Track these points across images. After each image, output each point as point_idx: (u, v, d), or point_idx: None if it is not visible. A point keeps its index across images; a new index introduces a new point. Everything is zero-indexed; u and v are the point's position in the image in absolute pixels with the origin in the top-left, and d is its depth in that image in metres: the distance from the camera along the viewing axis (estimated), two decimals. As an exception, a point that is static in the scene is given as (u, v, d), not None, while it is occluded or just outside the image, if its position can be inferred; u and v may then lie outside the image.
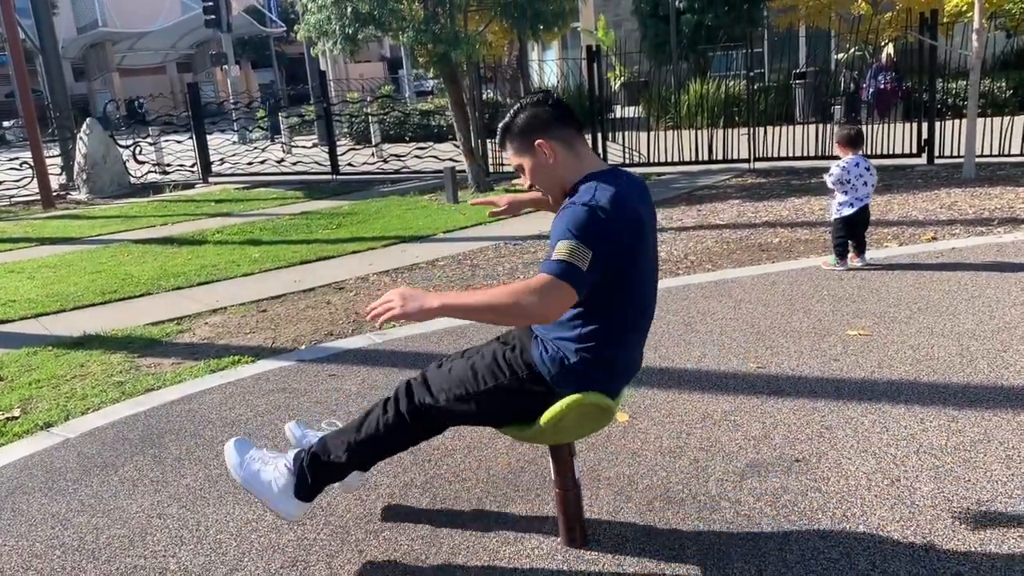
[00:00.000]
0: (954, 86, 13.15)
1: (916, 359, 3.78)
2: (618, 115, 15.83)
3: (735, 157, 10.80)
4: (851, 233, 5.37)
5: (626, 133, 11.56)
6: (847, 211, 5.32)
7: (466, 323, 4.92)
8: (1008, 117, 9.91)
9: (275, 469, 2.49)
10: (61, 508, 3.02)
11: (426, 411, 2.37)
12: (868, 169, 5.30)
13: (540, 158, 2.25)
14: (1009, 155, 9.35)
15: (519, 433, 2.39)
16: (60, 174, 14.77)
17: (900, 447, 2.97)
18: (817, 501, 2.66)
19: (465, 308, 2.06)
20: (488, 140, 11.65)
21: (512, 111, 2.29)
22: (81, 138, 13.67)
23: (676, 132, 11.82)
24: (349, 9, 9.25)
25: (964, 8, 12.85)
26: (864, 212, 5.32)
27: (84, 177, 13.60)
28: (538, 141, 2.24)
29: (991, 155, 9.34)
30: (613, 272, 2.12)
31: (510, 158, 2.33)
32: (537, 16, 9.67)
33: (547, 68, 18.31)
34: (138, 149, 15.08)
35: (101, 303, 6.20)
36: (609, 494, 2.81)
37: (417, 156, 13.06)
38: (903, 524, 2.48)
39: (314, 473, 2.45)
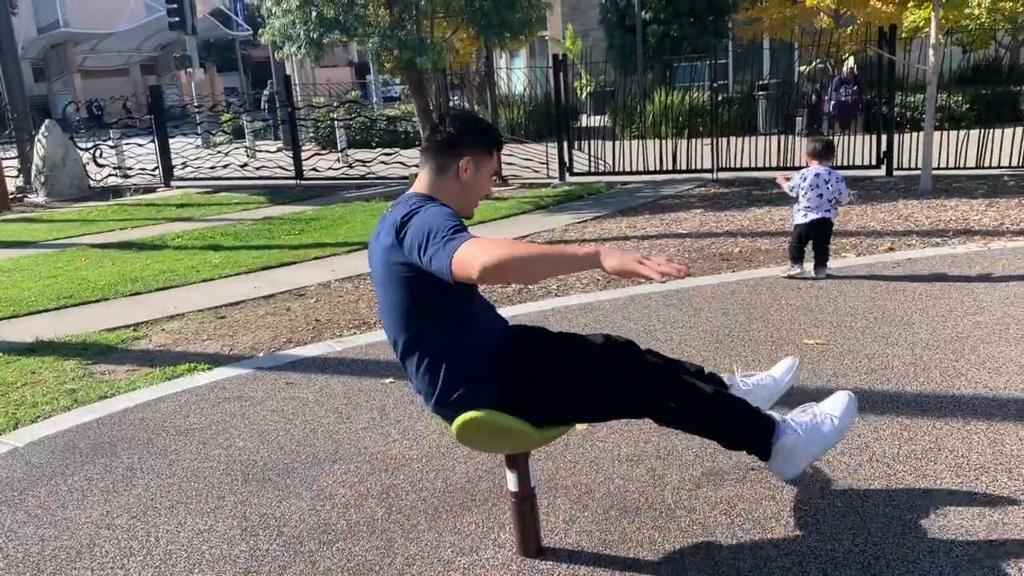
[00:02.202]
0: (913, 99, 13.40)
1: (871, 368, 3.83)
2: (584, 124, 15.91)
3: (699, 167, 10.90)
4: (804, 242, 5.45)
5: (592, 142, 11.61)
6: (799, 219, 5.42)
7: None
8: (964, 131, 10.11)
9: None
10: (6, 519, 2.94)
11: None
12: (828, 182, 5.36)
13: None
14: (965, 168, 9.54)
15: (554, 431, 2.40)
16: (17, 176, 14.49)
17: (853, 456, 3.01)
18: (771, 509, 2.68)
19: None
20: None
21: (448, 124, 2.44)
22: (39, 140, 13.42)
23: (641, 142, 11.90)
24: (314, 14, 9.21)
25: (922, 24, 13.11)
26: (819, 224, 5.38)
27: (42, 180, 13.34)
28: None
29: (948, 167, 9.53)
30: None
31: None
32: (504, 24, 9.71)
33: (514, 76, 18.35)
34: (98, 152, 14.84)
35: (56, 308, 6.08)
36: (566, 503, 2.80)
37: (383, 162, 13.01)
38: (854, 533, 2.51)
39: None
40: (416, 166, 11.84)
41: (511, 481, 2.45)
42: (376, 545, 2.62)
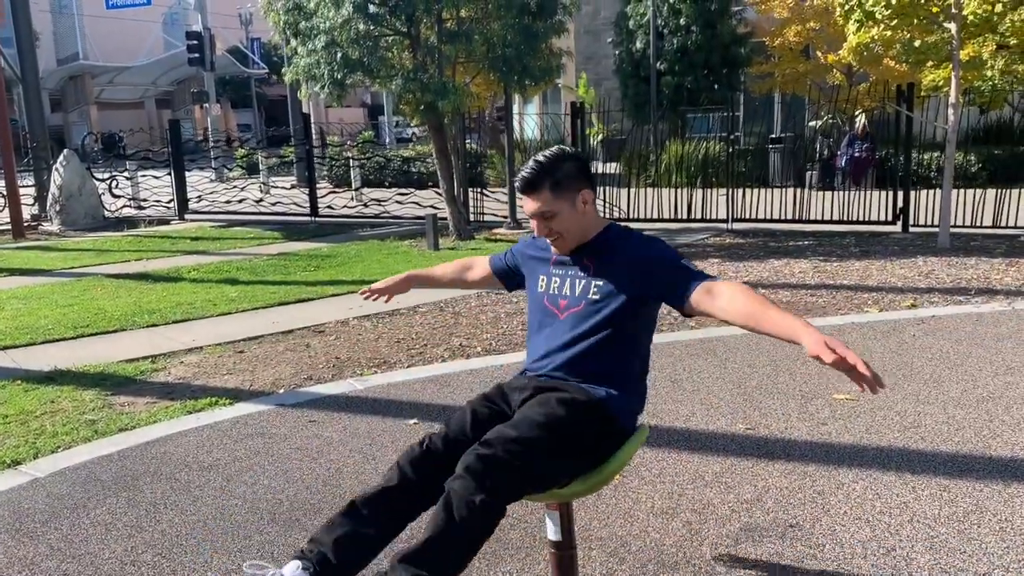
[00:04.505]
0: (927, 157, 13.48)
1: (904, 426, 3.78)
2: (597, 171, 16.01)
3: (713, 216, 10.92)
4: None
5: (606, 188, 11.66)
6: None
7: (451, 370, 4.87)
8: (979, 190, 10.14)
9: None
10: (29, 552, 2.88)
11: None
12: None
13: (578, 207, 2.33)
14: (981, 227, 9.55)
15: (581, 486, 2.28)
16: (33, 204, 14.56)
17: (894, 515, 2.95)
18: (814, 569, 2.61)
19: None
20: (470, 189, 11.70)
21: (553, 159, 2.32)
22: (57, 169, 13.51)
23: (656, 190, 11.95)
24: (339, 55, 9.30)
25: (941, 83, 13.23)
26: None
27: (57, 208, 13.40)
28: (584, 190, 2.33)
29: (964, 226, 9.54)
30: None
31: (537, 204, 2.30)
32: (525, 71, 9.79)
33: (528, 122, 18.52)
34: (115, 183, 14.93)
35: (73, 337, 6.05)
36: (602, 555, 2.74)
37: (398, 202, 13.07)
38: (902, 596, 2.45)
39: None
40: (431, 206, 11.93)
41: (551, 531, 2.40)
42: (409, 592, 2.56)
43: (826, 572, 2.59)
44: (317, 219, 13.12)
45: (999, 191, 9.76)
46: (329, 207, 13.54)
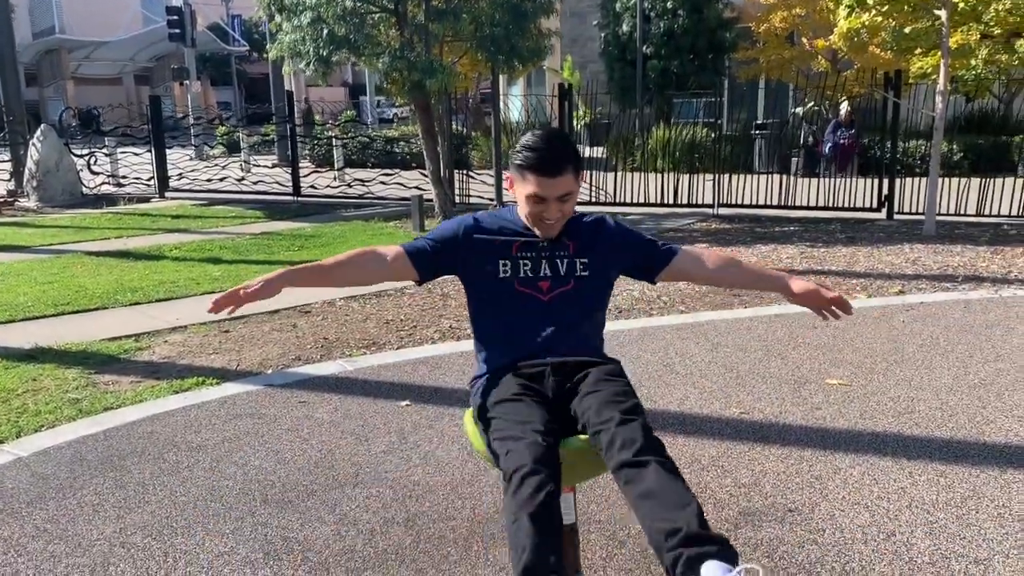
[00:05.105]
0: (910, 145, 13.53)
1: (898, 411, 3.78)
2: (584, 155, 15.94)
3: (699, 202, 10.91)
4: None
5: (593, 173, 11.60)
6: None
7: (442, 352, 4.82)
8: (963, 178, 10.18)
9: None
10: (14, 532, 2.81)
11: None
12: None
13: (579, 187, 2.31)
14: (965, 215, 9.60)
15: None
16: (9, 180, 14.30)
17: (892, 500, 2.94)
18: (815, 554, 2.60)
19: None
20: (456, 170, 11.62)
21: (564, 138, 2.32)
22: (34, 144, 13.25)
23: (643, 174, 11.91)
24: (325, 32, 9.16)
25: (929, 71, 13.27)
26: None
27: (35, 184, 13.15)
28: (582, 172, 2.31)
29: (948, 214, 9.58)
30: None
31: (562, 185, 2.22)
32: (513, 51, 9.70)
33: (512, 103, 18.40)
34: (93, 159, 14.69)
35: (54, 315, 5.93)
36: (602, 539, 2.72)
37: (382, 182, 12.94)
38: (904, 581, 2.44)
39: None
40: (416, 188, 11.82)
41: (564, 515, 2.36)
42: (407, 575, 2.52)
43: (827, 557, 2.58)
44: (300, 199, 12.97)
45: (983, 180, 9.82)
46: (312, 187, 13.39)
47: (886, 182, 10.04)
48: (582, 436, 2.14)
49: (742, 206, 10.73)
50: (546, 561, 1.85)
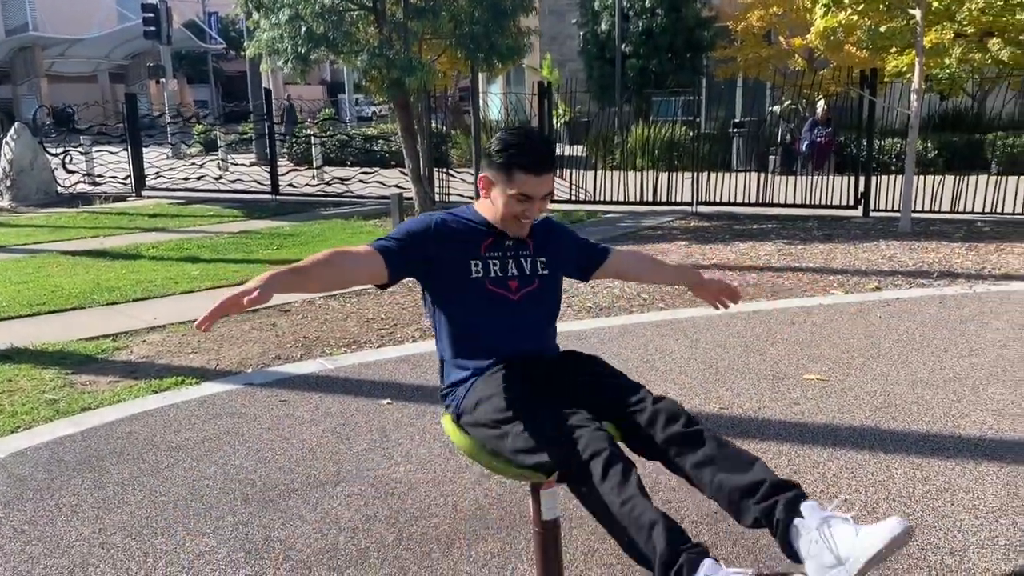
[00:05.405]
0: (886, 143, 13.67)
1: (874, 406, 3.82)
2: (563, 153, 15.97)
3: (678, 200, 10.96)
4: None
5: (572, 171, 11.63)
6: None
7: (423, 350, 4.81)
8: (938, 176, 10.31)
9: None
10: (-9, 534, 2.79)
11: None
12: None
13: None
14: (940, 211, 9.72)
15: None
16: (-19, 179, 14.10)
17: (869, 493, 2.98)
18: (794, 547, 2.62)
19: None
20: (435, 168, 11.60)
21: (547, 138, 2.37)
22: (7, 143, 13.09)
23: (622, 173, 11.95)
24: (303, 29, 9.10)
25: (904, 69, 13.41)
26: None
27: (8, 183, 12.99)
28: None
29: (923, 211, 9.70)
30: None
31: (548, 184, 2.26)
32: (492, 49, 9.69)
33: (491, 102, 18.38)
34: (68, 158, 14.53)
35: (29, 315, 5.87)
36: (583, 534, 2.73)
37: (362, 181, 12.90)
38: (881, 574, 2.47)
39: None
40: (396, 186, 11.78)
41: (547, 510, 2.36)
42: (389, 573, 2.52)
43: (806, 550, 2.61)
44: (278, 197, 12.91)
45: (957, 177, 9.94)
46: (290, 185, 13.32)
47: (862, 180, 10.14)
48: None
49: (721, 204, 10.80)
50: (677, 525, 1.92)
